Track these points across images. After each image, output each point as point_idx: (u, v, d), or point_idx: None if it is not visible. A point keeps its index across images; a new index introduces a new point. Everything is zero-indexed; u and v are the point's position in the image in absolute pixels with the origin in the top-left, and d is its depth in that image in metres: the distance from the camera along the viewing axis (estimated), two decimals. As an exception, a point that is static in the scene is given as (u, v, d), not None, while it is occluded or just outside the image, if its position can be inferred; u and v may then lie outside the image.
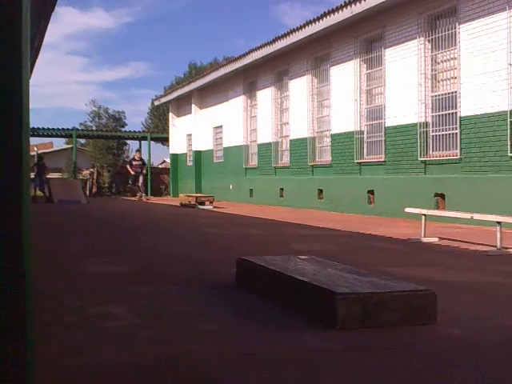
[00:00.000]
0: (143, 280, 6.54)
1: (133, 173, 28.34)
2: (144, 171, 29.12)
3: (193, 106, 30.21)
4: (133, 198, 29.39)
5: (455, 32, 13.53)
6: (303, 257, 6.31)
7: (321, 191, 19.00)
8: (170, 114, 34.01)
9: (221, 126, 27.46)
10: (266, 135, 22.81)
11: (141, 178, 28.57)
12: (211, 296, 5.62)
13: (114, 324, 4.54)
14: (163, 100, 34.47)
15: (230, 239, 10.89)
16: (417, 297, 4.56)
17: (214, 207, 21.36)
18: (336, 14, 16.57)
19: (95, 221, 15.50)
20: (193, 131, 30.38)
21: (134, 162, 28.73)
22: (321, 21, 17.40)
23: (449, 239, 10.41)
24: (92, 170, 35.02)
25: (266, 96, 22.86)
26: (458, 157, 13.45)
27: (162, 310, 5.02)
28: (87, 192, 32.44)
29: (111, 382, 3.31)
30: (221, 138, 27.47)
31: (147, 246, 9.76)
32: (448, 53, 14.03)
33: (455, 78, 13.71)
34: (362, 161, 16.97)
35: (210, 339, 4.11)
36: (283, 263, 5.78)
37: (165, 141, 39.89)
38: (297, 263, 5.86)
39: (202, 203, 21.98)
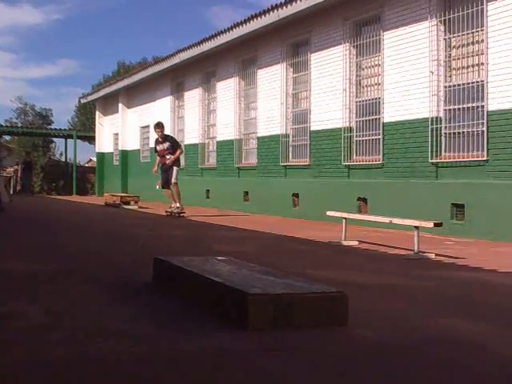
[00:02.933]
0: (57, 279, 6.40)
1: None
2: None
3: (120, 105, 29.84)
4: (59, 197, 28.73)
5: (379, 39, 13.72)
6: (221, 258, 6.29)
7: (246, 193, 19.02)
8: (97, 112, 33.55)
9: (148, 126, 27.18)
10: (192, 136, 22.72)
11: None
12: (127, 296, 5.53)
13: (24, 323, 4.42)
14: (90, 98, 33.98)
15: (152, 239, 10.79)
16: (328, 298, 4.56)
17: (139, 207, 21.15)
18: (263, 17, 16.60)
19: (14, 219, 15.14)
20: (120, 130, 30.02)
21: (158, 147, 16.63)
22: (248, 24, 17.42)
23: (369, 243, 10.52)
24: (16, 167, 34.27)
25: (193, 97, 22.77)
26: (380, 162, 13.64)
27: (74, 310, 4.92)
28: (11, 190, 31.71)
29: (17, 382, 3.21)
30: (148, 137, 27.20)
31: (64, 245, 9.59)
32: (372, 59, 14.22)
33: (379, 84, 13.90)
34: (287, 164, 17.05)
35: (119, 339, 4.03)
36: (200, 264, 5.74)
37: (91, 139, 39.33)
38: (214, 264, 5.84)
39: (127, 203, 21.74)
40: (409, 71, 12.83)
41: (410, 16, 12.76)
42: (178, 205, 15.97)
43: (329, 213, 11.17)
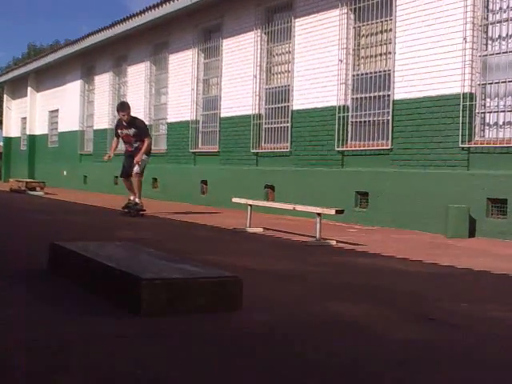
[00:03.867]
0: None
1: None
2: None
3: (29, 88, 29.04)
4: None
5: (290, 26, 13.69)
6: (118, 243, 6.17)
7: (155, 180, 18.75)
8: (5, 96, 32.60)
9: (57, 110, 26.57)
10: (102, 121, 22.27)
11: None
12: (20, 282, 5.29)
13: None
14: (-2, 80, 33.00)
15: (55, 225, 10.44)
16: (223, 283, 4.50)
17: (45, 193, 20.57)
18: (175, 1, 16.37)
19: None
20: (28, 114, 29.22)
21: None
22: (160, 7, 17.15)
23: (273, 230, 10.50)
24: None
25: (103, 81, 22.32)
26: (288, 150, 13.63)
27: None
28: None
29: None
30: (57, 122, 26.57)
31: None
32: (283, 46, 14.19)
33: (289, 71, 13.88)
34: (196, 150, 16.88)
35: (9, 326, 3.85)
36: (95, 249, 5.56)
37: (-1, 124, 38.24)
38: (110, 249, 5.69)
39: (33, 189, 21.13)
40: (318, 59, 12.84)
41: (320, 3, 12.77)
42: (137, 200, 12.65)
43: (234, 199, 11.12)
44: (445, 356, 3.62)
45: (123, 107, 13.00)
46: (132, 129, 12.88)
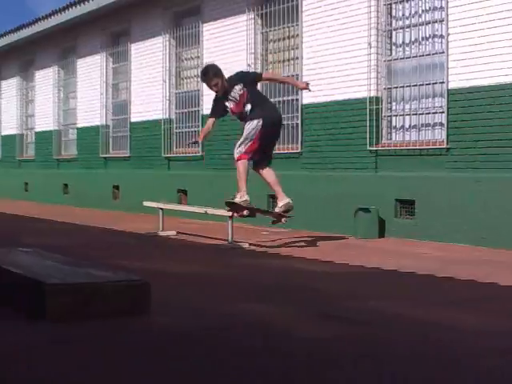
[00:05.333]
0: None
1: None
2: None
3: None
4: None
5: (199, 31, 13.50)
6: (25, 249, 6.02)
7: (66, 186, 18.26)
8: None
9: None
10: (10, 127, 21.57)
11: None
12: None
13: None
14: None
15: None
16: (130, 287, 4.47)
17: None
18: (82, 5, 15.94)
19: None
20: None
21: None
22: (67, 11, 16.69)
23: (186, 233, 10.42)
24: None
25: (10, 86, 21.62)
26: (200, 154, 13.45)
27: None
28: None
29: None
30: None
31: None
32: (192, 51, 13.99)
33: (198, 76, 13.63)
34: (107, 156, 16.51)
35: None
36: (1, 256, 5.44)
37: None
38: (16, 255, 5.58)
39: None
40: (227, 64, 12.65)
41: (228, 9, 12.63)
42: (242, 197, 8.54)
43: (145, 203, 10.99)
44: (351, 352, 3.66)
45: (206, 75, 8.83)
46: (238, 86, 8.59)
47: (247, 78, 8.82)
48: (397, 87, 9.98)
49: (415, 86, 9.63)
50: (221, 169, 12.89)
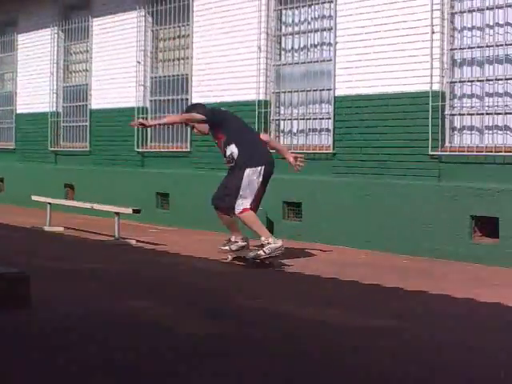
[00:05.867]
0: None
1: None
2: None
3: None
4: None
5: (88, 25, 13.03)
6: None
7: None
8: None
9: None
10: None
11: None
12: None
13: None
14: None
15: None
16: (8, 279, 4.35)
17: None
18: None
19: None
20: None
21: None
22: None
23: (74, 229, 10.17)
24: None
25: None
26: (87, 149, 13.03)
27: None
28: None
29: None
30: None
31: None
32: (81, 45, 13.50)
33: (87, 70, 13.25)
34: (-10, 147, 15.77)
35: None
36: None
37: None
38: None
39: None
40: (117, 60, 12.34)
41: (119, 5, 12.23)
42: (266, 240, 7.20)
43: (34, 197, 10.76)
44: (236, 348, 3.73)
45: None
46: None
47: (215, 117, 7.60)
48: (285, 92, 9.94)
49: (303, 91, 9.61)
50: (108, 165, 12.54)
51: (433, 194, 8.06)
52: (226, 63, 10.39)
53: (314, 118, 9.57)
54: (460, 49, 8.04)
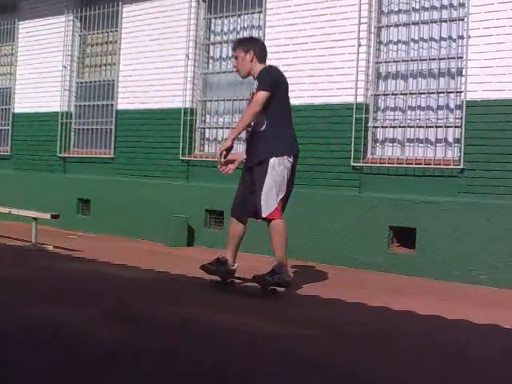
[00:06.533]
0: None
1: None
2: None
3: None
4: None
5: (14, 28, 12.51)
6: None
7: None
8: None
9: None
10: None
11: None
12: None
13: None
14: None
15: None
16: None
17: None
18: None
19: None
20: None
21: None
22: None
23: (-10, 233, 9.64)
24: None
25: None
26: (8, 153, 12.46)
27: None
28: None
29: None
30: None
31: None
32: (6, 48, 12.94)
33: (11, 74, 12.71)
34: None
35: None
36: None
37: None
38: None
39: None
40: (42, 64, 11.86)
41: (46, 8, 11.75)
42: (280, 266, 5.73)
43: None
44: (147, 354, 3.60)
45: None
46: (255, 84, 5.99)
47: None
48: (212, 100, 9.71)
49: (229, 100, 9.40)
50: (29, 169, 12.01)
51: (353, 204, 7.94)
52: (153, 70, 10.10)
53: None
54: (385, 62, 7.98)
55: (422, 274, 7.22)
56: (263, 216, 5.71)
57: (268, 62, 6.59)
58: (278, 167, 5.66)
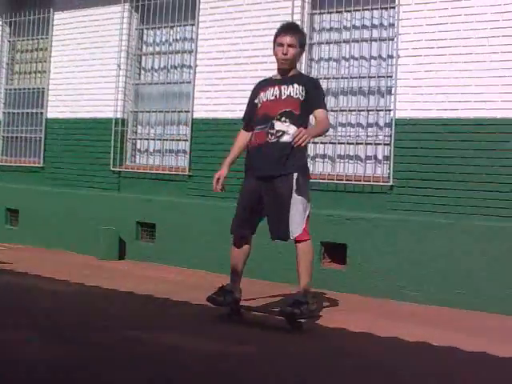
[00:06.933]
0: None
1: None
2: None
3: None
4: None
5: None
6: None
7: None
8: None
9: None
10: None
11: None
12: None
13: None
14: None
15: None
16: None
17: None
18: None
19: None
20: None
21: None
22: None
23: None
24: None
25: None
26: None
27: None
28: None
29: None
30: None
31: None
32: None
33: None
34: None
35: None
36: None
37: None
38: None
39: None
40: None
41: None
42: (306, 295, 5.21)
43: None
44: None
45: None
46: (294, 86, 5.24)
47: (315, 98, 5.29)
48: (143, 111, 9.49)
49: (161, 112, 9.20)
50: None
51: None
52: (84, 79, 9.79)
53: (170, 139, 9.16)
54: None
55: (352, 290, 7.15)
56: (292, 237, 5.13)
57: (201, 75, 6.47)
58: (303, 182, 5.15)
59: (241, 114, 8.05)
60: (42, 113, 10.43)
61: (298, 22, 7.69)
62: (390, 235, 7.10)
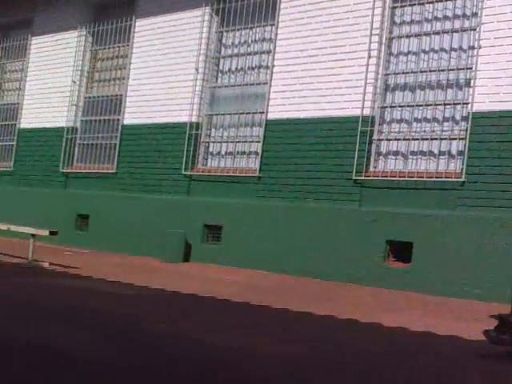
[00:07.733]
0: None
1: None
2: None
3: None
4: None
5: (26, 43, 12.85)
6: None
7: None
8: None
9: None
10: None
11: None
12: None
13: None
14: None
15: None
16: None
17: None
18: None
19: None
20: None
21: None
22: None
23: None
24: None
25: None
26: (11, 169, 12.67)
27: None
28: None
29: None
30: None
31: None
32: (16, 63, 13.30)
33: (20, 89, 13.02)
34: None
35: None
36: None
37: None
38: None
39: None
40: (51, 79, 12.17)
41: (58, 23, 12.13)
42: None
43: None
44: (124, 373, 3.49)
45: None
46: None
47: None
48: (218, 114, 9.89)
49: (236, 114, 9.57)
50: (32, 185, 12.17)
51: (352, 218, 8.01)
52: (162, 84, 10.33)
53: (243, 141, 9.50)
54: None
55: (415, 289, 7.21)
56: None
57: (278, 75, 6.63)
58: None
59: (314, 114, 8.35)
60: (118, 119, 11.00)
61: (379, 17, 8.01)
62: (458, 233, 7.15)
